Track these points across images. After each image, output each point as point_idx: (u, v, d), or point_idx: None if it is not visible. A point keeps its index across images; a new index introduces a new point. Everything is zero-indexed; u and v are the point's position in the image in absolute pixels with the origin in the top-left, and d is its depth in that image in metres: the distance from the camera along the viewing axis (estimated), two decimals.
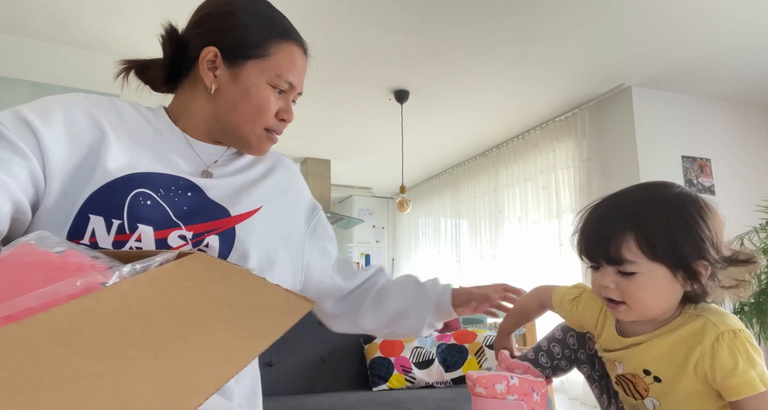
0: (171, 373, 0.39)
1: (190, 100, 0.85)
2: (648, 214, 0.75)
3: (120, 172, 0.73)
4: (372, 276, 1.05)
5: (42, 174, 0.70)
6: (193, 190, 0.79)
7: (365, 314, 1.01)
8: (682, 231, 0.74)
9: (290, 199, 0.93)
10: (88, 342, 0.38)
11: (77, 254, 0.52)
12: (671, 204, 0.76)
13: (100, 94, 0.91)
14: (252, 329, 0.50)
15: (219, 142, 0.88)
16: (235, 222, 0.79)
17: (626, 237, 0.74)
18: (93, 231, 0.69)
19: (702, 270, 0.74)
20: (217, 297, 0.52)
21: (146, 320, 0.43)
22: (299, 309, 0.58)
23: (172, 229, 0.74)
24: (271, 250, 0.84)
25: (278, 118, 0.87)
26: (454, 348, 2.20)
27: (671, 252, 0.73)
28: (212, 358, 0.43)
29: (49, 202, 0.70)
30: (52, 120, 0.73)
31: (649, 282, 0.75)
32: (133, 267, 0.50)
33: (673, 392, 0.79)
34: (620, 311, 0.78)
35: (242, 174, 0.87)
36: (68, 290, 0.44)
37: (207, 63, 0.81)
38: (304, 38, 0.92)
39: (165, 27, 0.83)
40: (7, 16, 3.17)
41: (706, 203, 0.78)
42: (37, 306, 0.41)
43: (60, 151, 0.71)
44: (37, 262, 0.47)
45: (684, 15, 3.11)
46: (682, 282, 0.75)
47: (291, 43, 0.86)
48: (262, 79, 0.82)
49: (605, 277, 0.77)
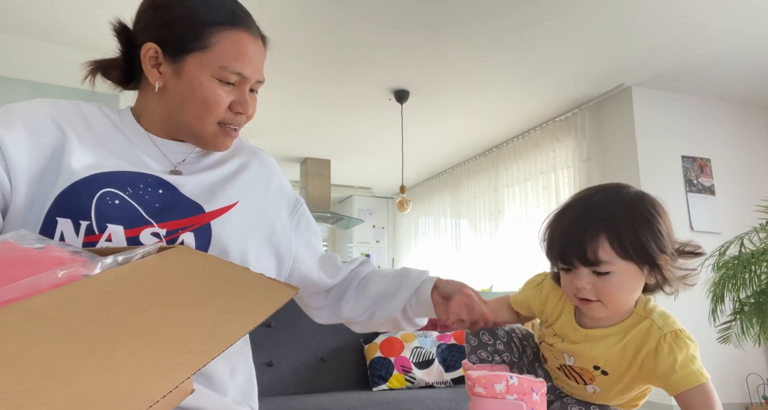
0: (156, 352, 0.40)
1: (145, 99, 0.83)
2: (617, 216, 0.81)
3: (85, 171, 0.72)
4: (356, 267, 1.01)
5: (7, 179, 0.69)
6: (164, 187, 0.77)
7: (348, 301, 0.97)
8: (647, 229, 0.81)
9: (270, 193, 0.90)
10: (72, 325, 0.38)
11: (58, 249, 0.52)
12: (634, 205, 0.83)
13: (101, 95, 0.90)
14: (236, 313, 0.50)
15: (183, 140, 0.85)
16: (210, 219, 0.78)
17: (600, 239, 0.80)
18: (62, 234, 0.68)
19: (663, 263, 0.82)
20: (200, 286, 0.52)
21: (130, 306, 0.44)
22: (283, 295, 0.59)
23: (143, 227, 0.72)
24: (253, 245, 0.82)
25: (234, 111, 0.81)
26: (454, 348, 2.20)
27: (640, 250, 0.80)
28: (197, 339, 0.43)
29: (16, 207, 0.70)
30: (13, 125, 0.72)
31: (623, 280, 0.81)
32: (115, 259, 0.50)
33: (616, 384, 0.87)
34: (593, 308, 0.84)
35: (216, 170, 0.84)
36: (50, 281, 0.44)
37: (149, 60, 0.78)
38: (307, 35, 0.89)
39: (114, 26, 0.81)
40: (7, 16, 3.17)
41: (659, 201, 0.86)
42: (18, 297, 0.41)
43: (23, 155, 0.71)
44: (17, 258, 0.47)
45: (684, 15, 3.11)
46: (647, 276, 0.83)
47: (236, 30, 0.78)
48: (205, 73, 0.77)
49: (581, 279, 0.82)
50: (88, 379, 0.34)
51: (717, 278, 2.83)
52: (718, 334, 2.96)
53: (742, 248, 2.77)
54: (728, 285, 2.75)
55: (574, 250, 0.82)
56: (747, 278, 2.70)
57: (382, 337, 2.20)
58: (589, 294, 0.82)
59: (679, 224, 3.93)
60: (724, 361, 3.74)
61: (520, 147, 5.11)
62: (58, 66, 3.59)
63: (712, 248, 3.06)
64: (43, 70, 3.62)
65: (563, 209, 0.87)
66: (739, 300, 2.79)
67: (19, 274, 0.44)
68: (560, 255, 0.84)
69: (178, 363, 0.40)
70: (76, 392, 0.33)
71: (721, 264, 2.83)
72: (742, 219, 3.93)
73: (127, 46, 0.81)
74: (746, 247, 2.76)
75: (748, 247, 2.76)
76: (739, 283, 2.72)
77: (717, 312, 2.83)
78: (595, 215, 0.82)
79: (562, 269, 0.86)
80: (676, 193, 4.00)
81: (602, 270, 0.80)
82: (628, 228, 0.81)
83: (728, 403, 3.73)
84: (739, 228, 3.43)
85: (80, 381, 0.34)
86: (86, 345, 0.37)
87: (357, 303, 0.97)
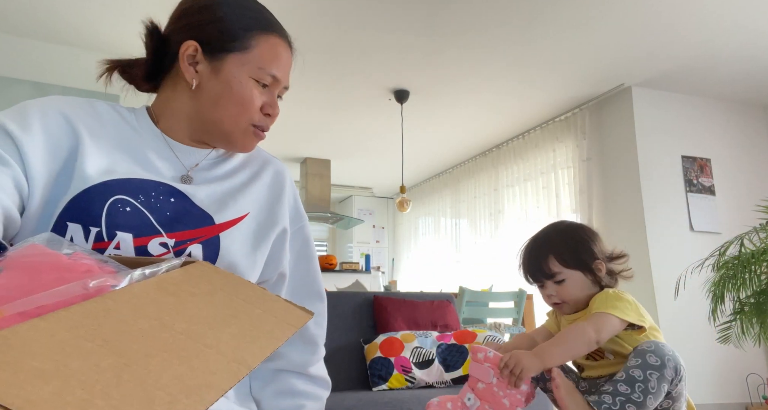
0: (188, 370, 0.40)
1: (171, 98, 0.83)
2: (556, 241, 1.22)
3: (98, 178, 0.72)
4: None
5: (26, 181, 0.69)
6: (176, 196, 0.77)
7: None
8: (579, 246, 1.20)
9: (284, 200, 0.88)
10: (109, 338, 0.39)
11: (86, 257, 0.52)
12: (567, 232, 1.24)
13: (101, 95, 0.90)
14: (257, 335, 0.51)
15: (202, 143, 0.86)
16: (219, 231, 0.77)
17: (549, 258, 1.19)
18: (71, 239, 0.68)
19: (600, 266, 1.19)
20: (223, 305, 0.53)
21: (160, 321, 0.44)
22: (299, 319, 0.60)
23: (152, 236, 0.72)
24: (260, 257, 0.82)
25: (263, 113, 0.83)
26: (454, 348, 2.20)
27: (578, 260, 1.18)
28: (224, 359, 0.44)
29: (31, 210, 0.69)
30: (31, 127, 0.72)
31: (574, 283, 1.18)
32: (142, 272, 0.51)
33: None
34: (563, 309, 1.22)
35: (228, 179, 0.84)
36: (80, 291, 0.45)
37: (187, 58, 0.79)
38: (307, 36, 0.90)
39: (146, 25, 0.82)
40: (8, 16, 3.17)
41: (587, 226, 1.27)
42: (50, 305, 0.42)
43: (39, 158, 0.71)
44: (49, 263, 0.48)
45: (684, 15, 3.11)
46: (592, 278, 1.19)
47: (273, 36, 0.83)
48: (244, 73, 0.80)
49: (548, 289, 1.21)
50: (126, 394, 0.35)
51: (717, 278, 2.82)
52: (718, 334, 2.96)
53: (742, 248, 2.77)
54: (728, 285, 2.75)
55: (536, 271, 1.22)
56: (747, 278, 2.70)
57: (382, 337, 2.20)
58: (555, 299, 1.20)
59: (679, 224, 3.94)
60: (724, 361, 3.74)
61: (520, 147, 5.11)
62: (58, 66, 3.59)
63: (712, 248, 3.06)
64: (44, 70, 3.62)
65: (523, 247, 1.28)
66: (739, 300, 2.79)
67: (50, 279, 0.45)
68: (530, 277, 1.24)
69: (207, 384, 0.40)
70: (116, 407, 0.34)
71: (721, 264, 2.82)
72: (742, 220, 3.93)
73: (157, 45, 0.82)
74: (746, 247, 2.76)
75: (748, 247, 2.76)
76: (739, 283, 2.72)
77: (717, 312, 2.83)
78: (542, 244, 1.23)
79: (538, 287, 1.24)
80: (676, 192, 4.00)
81: (558, 279, 1.18)
82: (566, 246, 1.20)
83: (728, 403, 3.73)
84: (739, 228, 3.43)
85: (118, 396, 0.34)
86: (121, 359, 0.38)
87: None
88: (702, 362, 3.69)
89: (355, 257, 6.98)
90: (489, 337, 2.26)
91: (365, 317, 2.38)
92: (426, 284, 6.52)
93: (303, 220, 0.93)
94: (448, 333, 2.29)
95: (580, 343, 1.06)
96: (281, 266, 0.88)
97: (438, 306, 2.50)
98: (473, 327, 2.85)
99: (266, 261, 0.85)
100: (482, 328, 2.59)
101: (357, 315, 2.37)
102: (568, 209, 4.50)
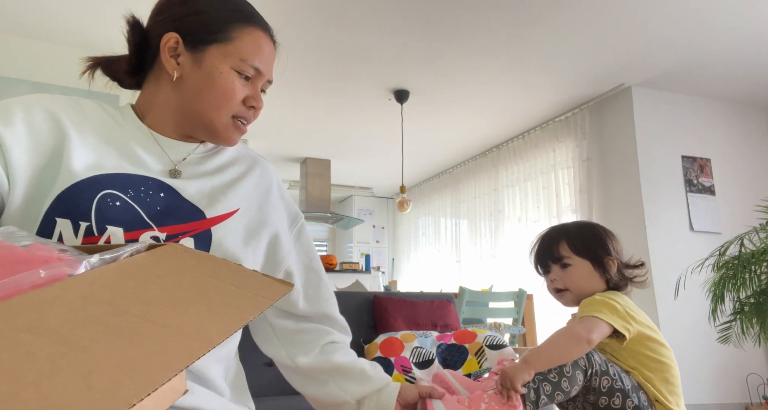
0: (137, 352, 0.39)
1: (155, 93, 0.83)
2: (572, 229, 1.26)
3: (86, 173, 0.72)
4: (335, 324, 0.96)
5: (6, 178, 0.69)
6: (165, 190, 0.77)
7: (308, 353, 0.91)
8: (594, 238, 1.23)
9: (271, 201, 0.89)
10: (52, 327, 0.38)
11: (44, 247, 0.50)
12: (585, 225, 1.29)
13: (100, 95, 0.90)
14: (226, 311, 0.50)
15: (188, 137, 0.85)
16: (211, 225, 0.77)
17: (561, 242, 1.23)
18: (60, 235, 0.68)
19: (611, 263, 1.20)
20: (190, 284, 0.52)
21: (112, 306, 0.43)
22: (276, 292, 0.58)
23: (143, 230, 0.72)
24: (252, 252, 0.82)
25: (246, 105, 0.83)
26: (454, 348, 2.20)
27: (588, 249, 1.21)
28: (183, 338, 0.43)
29: (13, 207, 0.69)
30: (13, 122, 0.71)
31: (579, 272, 1.20)
32: (101, 258, 0.49)
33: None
34: (564, 297, 1.24)
35: (217, 175, 0.84)
36: (31, 280, 0.43)
37: (169, 50, 0.79)
38: (307, 36, 0.90)
39: (127, 19, 0.82)
40: (7, 16, 3.17)
41: (608, 229, 1.27)
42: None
43: (22, 153, 0.70)
44: (2, 256, 0.46)
45: (684, 15, 3.11)
46: (600, 272, 1.20)
47: (255, 28, 0.83)
48: (225, 64, 0.79)
49: (553, 273, 1.24)
50: (60, 383, 0.33)
51: (717, 278, 2.83)
52: (718, 334, 2.96)
53: (742, 248, 2.77)
54: (728, 285, 2.75)
55: (544, 254, 1.25)
56: (747, 278, 2.70)
57: (382, 337, 2.20)
58: (558, 284, 1.23)
59: (679, 224, 3.93)
60: (724, 361, 3.74)
61: (520, 147, 5.11)
62: (58, 66, 3.59)
63: (712, 248, 3.06)
64: (43, 70, 3.62)
65: (539, 234, 1.30)
66: (739, 300, 2.79)
67: (1, 273, 0.43)
68: (539, 262, 1.27)
69: (158, 364, 0.39)
70: (47, 396, 0.32)
71: (721, 264, 2.83)
72: (742, 219, 3.93)
73: (139, 40, 0.82)
74: (746, 247, 2.76)
75: (748, 247, 2.76)
76: (739, 283, 2.72)
77: (717, 312, 2.83)
78: (558, 230, 1.27)
79: (544, 274, 1.27)
80: (676, 193, 4.00)
81: (564, 262, 1.21)
82: (579, 234, 1.23)
83: (728, 403, 3.73)
84: (739, 228, 3.43)
85: (50, 386, 0.33)
86: (62, 348, 0.36)
87: (317, 359, 0.90)
88: (702, 362, 3.69)
89: (355, 257, 6.98)
90: (489, 337, 2.26)
91: (365, 317, 2.38)
92: (426, 284, 6.52)
93: (300, 217, 0.94)
94: (448, 333, 2.29)
95: (571, 343, 1.05)
96: (282, 267, 0.89)
97: (438, 306, 2.50)
98: (473, 327, 2.85)
99: (262, 266, 0.86)
100: (482, 328, 2.59)
101: (357, 315, 2.37)
102: (568, 209, 4.50)
